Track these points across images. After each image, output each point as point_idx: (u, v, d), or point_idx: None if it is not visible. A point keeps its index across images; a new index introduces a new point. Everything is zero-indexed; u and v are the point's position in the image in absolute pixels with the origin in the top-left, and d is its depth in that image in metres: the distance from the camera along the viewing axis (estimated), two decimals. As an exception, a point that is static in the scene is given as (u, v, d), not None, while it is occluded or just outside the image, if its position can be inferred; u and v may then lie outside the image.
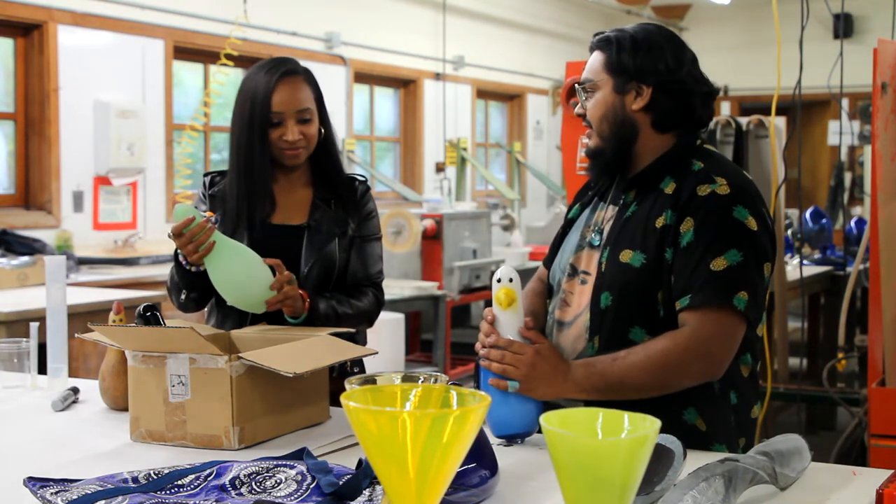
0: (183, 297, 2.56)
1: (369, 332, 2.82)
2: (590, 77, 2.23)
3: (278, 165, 2.63)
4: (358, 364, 2.68)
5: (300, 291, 2.48)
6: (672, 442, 1.73)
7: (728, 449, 2.13)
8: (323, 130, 2.65)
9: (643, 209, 2.18)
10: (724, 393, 2.15)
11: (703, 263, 2.06)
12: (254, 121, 2.57)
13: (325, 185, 2.67)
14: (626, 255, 2.14)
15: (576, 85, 2.27)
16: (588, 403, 2.02)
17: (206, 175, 2.73)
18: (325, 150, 2.68)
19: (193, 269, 2.46)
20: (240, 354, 2.02)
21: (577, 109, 2.27)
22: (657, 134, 2.20)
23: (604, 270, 2.18)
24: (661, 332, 2.09)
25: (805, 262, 6.31)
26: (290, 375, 1.97)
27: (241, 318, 2.55)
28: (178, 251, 2.45)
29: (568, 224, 2.40)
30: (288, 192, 2.66)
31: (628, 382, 2.04)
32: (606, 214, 2.27)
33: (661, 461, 1.68)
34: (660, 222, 2.13)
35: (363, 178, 2.76)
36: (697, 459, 1.77)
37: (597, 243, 2.24)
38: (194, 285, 2.52)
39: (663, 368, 2.03)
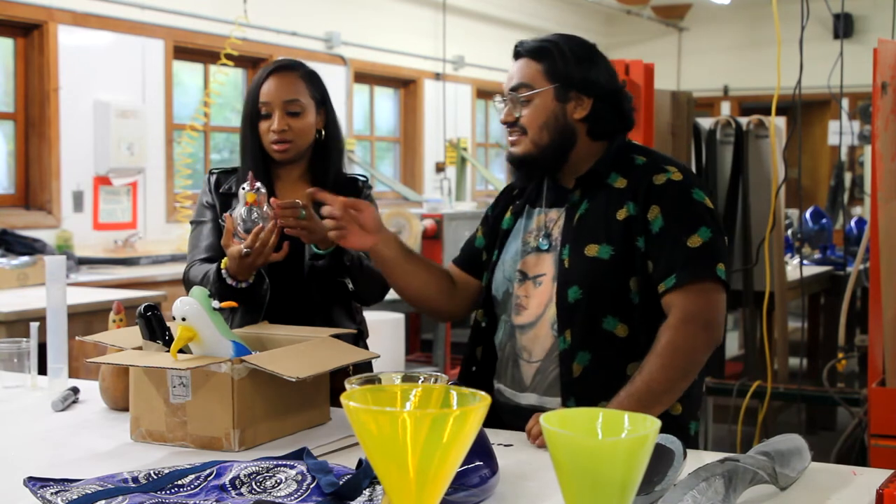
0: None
1: (370, 332, 2.84)
2: (527, 83, 2.31)
3: (277, 163, 2.66)
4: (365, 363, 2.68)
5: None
6: (672, 442, 1.73)
7: (697, 424, 2.32)
8: (324, 132, 2.67)
9: (597, 205, 2.28)
10: None
11: (679, 243, 2.19)
12: (247, 113, 2.65)
13: (322, 184, 2.67)
14: (593, 250, 2.24)
15: (507, 92, 2.34)
16: None
17: (210, 173, 2.74)
18: (326, 152, 2.70)
19: (244, 285, 2.49)
20: (242, 358, 2.02)
21: (505, 116, 2.35)
22: (591, 141, 2.33)
23: (567, 267, 2.26)
24: (635, 318, 2.23)
25: (805, 262, 6.31)
26: (293, 380, 1.97)
27: (250, 318, 2.56)
28: (222, 269, 2.47)
29: (504, 234, 2.45)
30: (288, 190, 2.68)
31: (657, 389, 2.13)
32: (549, 217, 2.36)
33: (661, 461, 1.68)
34: (621, 214, 2.24)
35: (364, 178, 2.78)
36: (697, 459, 1.77)
37: (545, 247, 2.33)
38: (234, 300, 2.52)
39: (677, 357, 2.14)
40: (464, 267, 2.54)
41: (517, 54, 2.35)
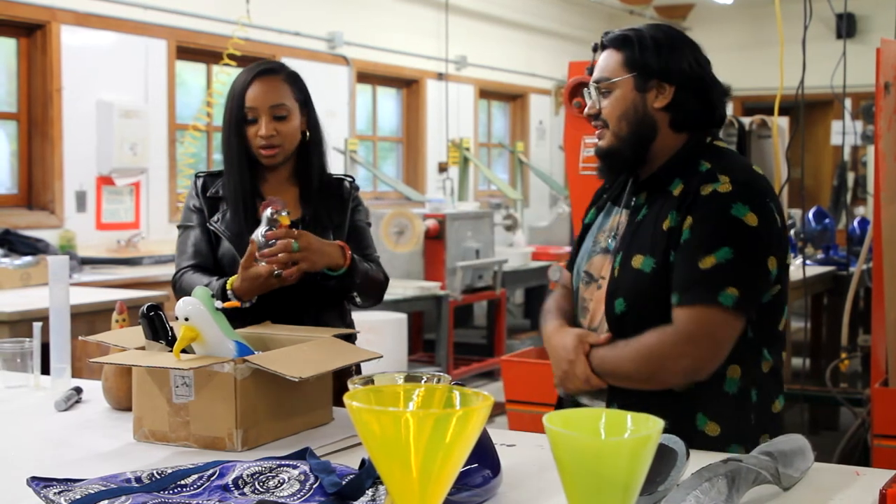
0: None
1: (372, 332, 2.84)
2: (606, 76, 2.23)
3: (263, 166, 2.68)
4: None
5: (339, 243, 2.56)
6: (675, 442, 1.73)
7: (746, 450, 2.09)
8: (308, 133, 2.69)
9: (653, 212, 2.19)
10: (744, 392, 2.16)
11: (692, 262, 2.08)
12: (231, 118, 2.64)
13: (309, 185, 2.70)
14: (638, 261, 2.16)
15: (590, 84, 2.25)
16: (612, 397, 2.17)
17: (197, 176, 2.75)
18: (309, 152, 2.72)
19: (247, 304, 2.50)
20: (245, 358, 2.02)
21: (588, 109, 2.26)
22: (673, 133, 2.21)
23: (616, 276, 2.19)
24: None
25: (808, 262, 6.30)
26: (296, 380, 1.97)
27: (249, 319, 2.56)
28: (228, 288, 2.48)
29: (585, 229, 2.41)
30: (277, 191, 2.70)
31: (618, 371, 2.13)
32: (621, 219, 2.28)
33: (664, 461, 1.67)
34: (666, 224, 2.14)
35: (351, 179, 2.81)
36: (700, 459, 1.77)
37: (612, 248, 2.26)
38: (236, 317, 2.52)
39: (648, 361, 2.09)
40: (571, 269, 2.46)
41: (602, 46, 2.27)
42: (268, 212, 2.46)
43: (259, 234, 2.46)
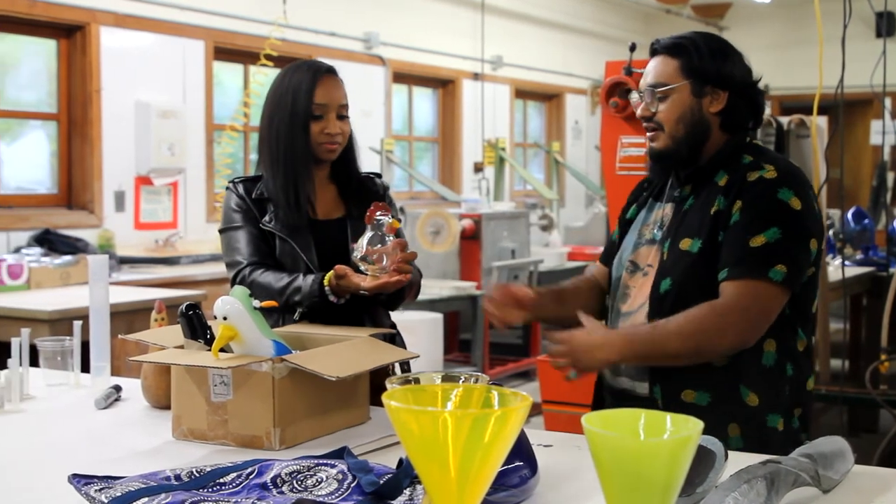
0: (296, 315, 2.58)
1: (408, 332, 2.85)
2: (663, 81, 2.37)
3: (314, 164, 2.69)
4: (404, 363, 2.69)
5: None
6: (714, 444, 1.72)
7: (783, 418, 2.30)
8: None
9: (699, 201, 2.35)
10: (780, 365, 2.30)
11: (743, 240, 2.23)
12: (296, 113, 2.62)
13: (347, 182, 2.74)
14: (686, 243, 2.32)
15: (645, 87, 2.40)
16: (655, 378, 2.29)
17: (234, 183, 2.72)
18: (348, 152, 2.75)
19: (342, 301, 2.52)
20: (283, 357, 2.02)
21: (641, 111, 2.41)
22: (723, 134, 2.38)
23: (665, 259, 2.35)
24: None
25: (847, 262, 6.24)
26: (333, 379, 1.97)
27: (283, 318, 2.57)
28: (325, 284, 2.49)
29: (626, 224, 2.56)
30: (320, 189, 2.72)
31: (667, 349, 2.22)
32: (665, 212, 2.44)
33: (702, 463, 1.67)
34: (713, 209, 2.30)
35: (379, 175, 2.87)
36: (739, 461, 1.76)
37: (658, 238, 2.41)
38: (319, 311, 2.55)
39: (698, 333, 2.20)
40: (607, 263, 2.63)
41: (654, 51, 2.42)
42: (378, 217, 2.45)
43: (364, 242, 2.44)
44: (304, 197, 2.64)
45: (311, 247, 2.62)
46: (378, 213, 2.45)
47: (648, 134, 2.42)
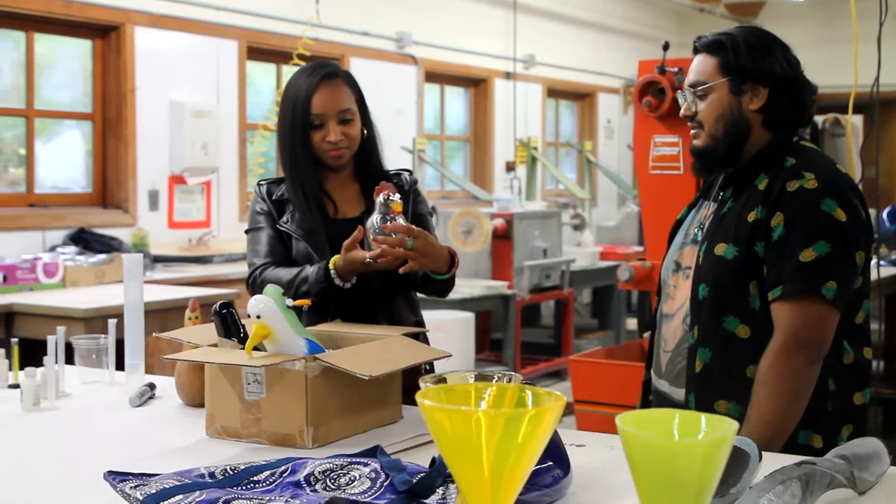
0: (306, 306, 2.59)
1: (439, 331, 2.85)
2: (702, 79, 2.36)
3: (326, 166, 2.70)
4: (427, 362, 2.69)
5: (450, 249, 2.58)
6: (748, 444, 1.71)
7: (822, 436, 2.24)
8: (365, 131, 2.73)
9: (738, 204, 2.31)
10: (821, 380, 2.23)
11: (792, 255, 2.18)
12: (296, 124, 2.65)
13: (370, 180, 2.72)
14: (721, 248, 2.29)
15: (685, 87, 2.39)
16: None
17: (259, 184, 2.77)
18: (368, 150, 2.75)
19: (349, 285, 2.54)
20: (316, 356, 2.03)
21: (684, 111, 2.40)
22: (765, 132, 2.34)
23: (701, 263, 2.32)
24: (757, 322, 2.24)
25: (882, 262, 6.20)
26: (366, 378, 1.98)
27: (319, 317, 2.58)
28: (331, 270, 2.51)
29: (677, 225, 2.56)
30: (340, 189, 2.75)
31: (772, 420, 2.17)
32: (708, 212, 2.42)
33: (736, 464, 1.66)
34: (751, 217, 2.25)
35: (410, 171, 2.85)
36: (773, 462, 1.75)
37: (699, 238, 2.39)
38: (331, 299, 2.57)
39: (781, 383, 2.16)
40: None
41: (695, 49, 2.41)
42: (381, 197, 2.47)
43: (374, 220, 2.47)
44: (314, 200, 2.67)
45: (324, 246, 2.64)
46: (381, 193, 2.47)
47: (692, 132, 2.41)
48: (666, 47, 4.42)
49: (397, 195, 2.49)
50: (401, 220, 2.46)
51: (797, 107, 2.35)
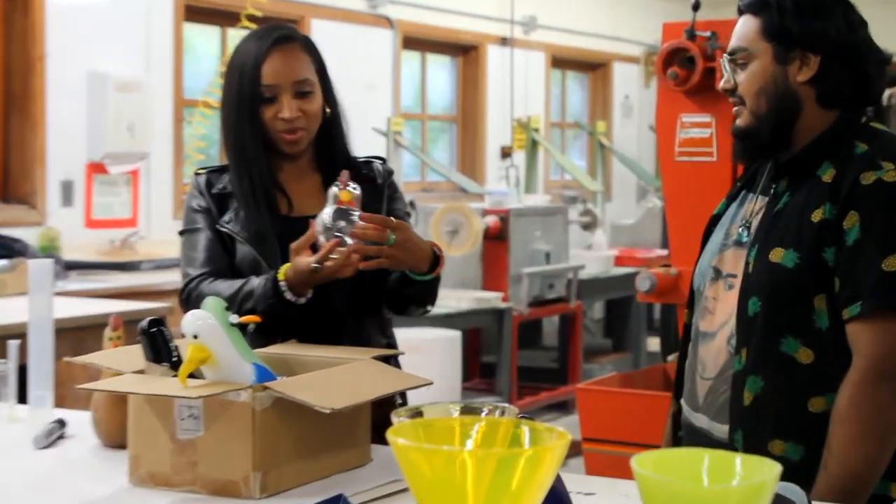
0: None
1: (418, 353, 2.84)
2: (742, 45, 2.33)
3: (280, 152, 2.69)
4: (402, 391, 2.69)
5: (433, 244, 2.58)
6: (794, 492, 1.71)
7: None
8: (328, 109, 2.72)
9: (797, 200, 2.27)
10: None
11: (873, 264, 2.15)
12: (242, 98, 2.64)
13: (333, 171, 2.68)
14: (777, 255, 2.24)
15: (725, 56, 2.37)
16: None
17: (197, 174, 2.77)
18: (331, 133, 2.75)
19: (303, 300, 2.53)
20: (265, 384, 2.02)
21: (724, 83, 2.37)
22: (821, 110, 2.31)
23: (751, 272, 2.28)
24: (823, 344, 2.20)
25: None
26: (327, 411, 1.97)
27: (267, 339, 2.57)
28: (280, 282, 2.50)
29: (713, 222, 2.51)
30: (296, 180, 2.74)
31: (857, 468, 2.14)
32: (755, 206, 2.38)
33: (780, 516, 1.66)
34: (817, 216, 2.21)
35: (382, 159, 2.84)
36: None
37: (745, 240, 2.35)
38: (282, 318, 2.55)
39: (867, 422, 2.14)
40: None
41: (739, 10, 2.38)
42: (334, 189, 2.47)
43: (326, 214, 2.47)
44: (262, 194, 2.66)
45: (275, 252, 2.63)
46: (338, 181, 2.47)
47: (734, 110, 2.38)
48: (696, 7, 4.43)
49: (352, 185, 2.48)
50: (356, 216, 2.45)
51: (858, 79, 2.30)
